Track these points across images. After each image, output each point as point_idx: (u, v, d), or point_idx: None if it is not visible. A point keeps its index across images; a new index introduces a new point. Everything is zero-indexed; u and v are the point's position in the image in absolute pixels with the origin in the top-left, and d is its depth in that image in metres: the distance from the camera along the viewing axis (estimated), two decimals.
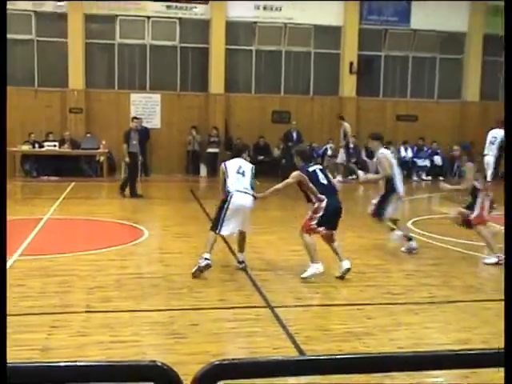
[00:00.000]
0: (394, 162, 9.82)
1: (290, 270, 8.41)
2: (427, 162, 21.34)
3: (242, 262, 8.50)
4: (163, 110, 20.76)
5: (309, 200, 8.25)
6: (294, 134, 20.21)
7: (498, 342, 5.93)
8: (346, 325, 6.19)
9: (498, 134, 14.19)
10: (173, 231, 11.05)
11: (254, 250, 9.63)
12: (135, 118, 16.09)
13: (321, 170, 8.35)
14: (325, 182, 8.19)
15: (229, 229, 8.22)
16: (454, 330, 6.21)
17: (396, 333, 6.05)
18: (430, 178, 21.13)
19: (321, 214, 7.99)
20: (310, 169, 8.27)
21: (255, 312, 6.53)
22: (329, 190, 8.15)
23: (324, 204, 7.99)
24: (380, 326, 6.20)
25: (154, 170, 20.14)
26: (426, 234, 11.13)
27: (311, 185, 8.08)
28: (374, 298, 7.18)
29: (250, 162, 9.09)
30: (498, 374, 4.16)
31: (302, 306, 6.88)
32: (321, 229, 8.12)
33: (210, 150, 20.46)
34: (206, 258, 7.88)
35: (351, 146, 19.93)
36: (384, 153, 9.60)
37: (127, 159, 15.20)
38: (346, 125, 19.46)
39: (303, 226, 8.13)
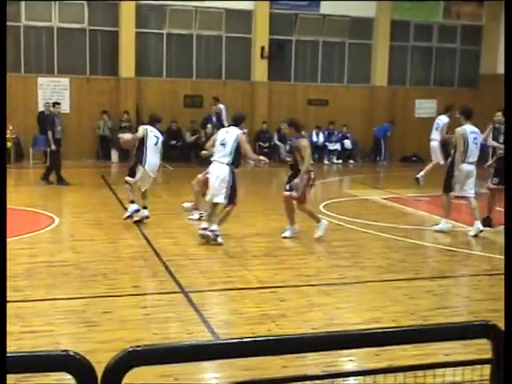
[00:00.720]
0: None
1: (204, 255, 8.42)
2: (338, 146, 21.77)
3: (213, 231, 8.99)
4: (72, 94, 20.19)
5: (295, 169, 9.41)
6: (214, 119, 20.16)
7: (407, 321, 6.20)
8: (261, 308, 6.26)
9: (441, 119, 14.42)
10: (84, 218, 10.82)
11: (168, 235, 9.57)
12: (56, 103, 15.63)
13: None
14: None
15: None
16: (364, 310, 6.40)
17: (309, 314, 6.18)
18: (340, 161, 21.58)
19: (310, 183, 9.52)
20: None
21: (169, 298, 6.51)
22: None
23: (312, 174, 9.53)
24: (294, 307, 6.31)
25: (64, 155, 19.60)
26: (337, 216, 11.37)
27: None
28: (288, 281, 7.29)
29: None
30: (407, 352, 4.33)
31: (216, 290, 6.91)
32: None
33: (122, 135, 20.07)
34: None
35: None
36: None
37: (53, 146, 14.78)
38: (222, 106, 19.37)
39: (300, 198, 9.40)
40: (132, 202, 10.24)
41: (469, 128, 10.06)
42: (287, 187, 9.55)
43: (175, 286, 6.95)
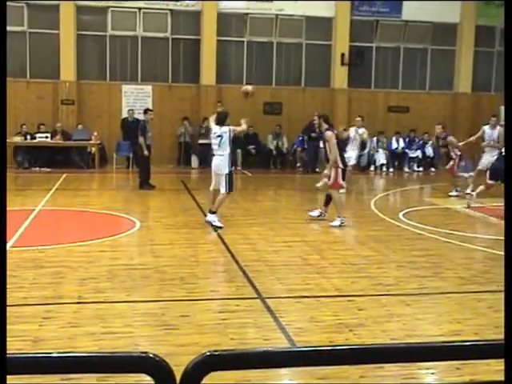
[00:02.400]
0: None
1: (282, 262, 8.42)
2: (419, 153, 21.36)
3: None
4: (155, 101, 20.68)
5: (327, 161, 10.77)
6: (315, 125, 20.33)
7: (490, 334, 6.00)
8: (338, 316, 6.20)
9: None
10: (164, 222, 11.04)
11: (246, 241, 9.63)
12: (148, 109, 15.97)
13: None
14: None
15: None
16: (445, 322, 6.22)
17: (388, 324, 6.06)
18: (421, 169, 21.17)
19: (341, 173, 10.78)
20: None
21: (247, 303, 6.53)
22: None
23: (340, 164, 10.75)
24: (372, 317, 6.21)
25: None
26: (417, 225, 11.15)
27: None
28: (366, 290, 7.19)
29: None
30: (490, 366, 4.18)
31: (294, 297, 6.88)
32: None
33: (202, 141, 20.41)
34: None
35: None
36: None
37: (146, 152, 15.16)
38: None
39: (334, 185, 10.81)
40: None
41: None
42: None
43: (253, 291, 6.97)
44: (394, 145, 21.25)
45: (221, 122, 10.65)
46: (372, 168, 20.88)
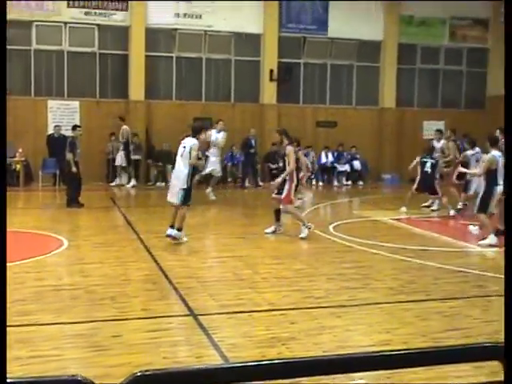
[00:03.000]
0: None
1: (214, 277, 8.39)
2: (347, 167, 21.77)
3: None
4: (82, 117, 20.34)
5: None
6: (253, 141, 20.47)
7: (418, 343, 6.13)
8: (271, 330, 6.21)
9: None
10: (93, 241, 10.83)
11: (178, 257, 9.56)
12: (77, 126, 15.74)
13: None
14: None
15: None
16: (375, 332, 6.33)
17: (320, 336, 6.12)
18: (349, 182, 21.57)
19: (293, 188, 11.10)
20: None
21: (179, 321, 6.48)
22: None
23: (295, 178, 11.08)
24: (304, 330, 6.26)
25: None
26: (347, 237, 11.33)
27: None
28: (298, 303, 7.25)
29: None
30: (417, 374, 4.28)
31: (226, 313, 6.86)
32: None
33: (132, 157, 20.19)
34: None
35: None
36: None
37: (74, 169, 14.84)
38: (125, 127, 19.46)
39: (285, 199, 10.93)
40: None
41: (496, 153, 10.73)
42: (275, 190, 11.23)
43: (185, 308, 6.92)
44: (323, 159, 21.61)
45: (194, 132, 10.60)
46: None
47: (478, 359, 2.36)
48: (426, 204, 15.40)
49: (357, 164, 21.81)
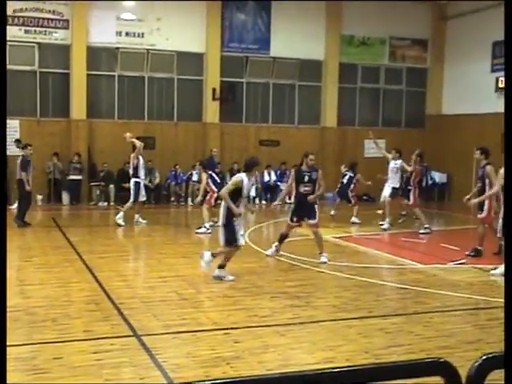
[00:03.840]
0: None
1: (157, 297, 8.32)
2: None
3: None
4: (22, 136, 19.90)
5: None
6: (216, 160, 20.34)
7: (360, 359, 6.21)
8: (215, 350, 6.20)
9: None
10: (35, 262, 10.60)
11: (121, 278, 9.45)
12: (28, 144, 15.40)
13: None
14: None
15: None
16: (319, 349, 6.39)
17: (264, 355, 6.14)
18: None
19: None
20: None
21: (122, 342, 6.39)
22: None
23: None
24: (248, 349, 6.27)
25: (14, 198, 19.25)
26: (291, 255, 11.41)
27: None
28: (242, 322, 7.25)
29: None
30: None
31: (170, 333, 6.81)
32: None
33: (73, 177, 19.89)
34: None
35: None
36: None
37: (28, 187, 14.52)
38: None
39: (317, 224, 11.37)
40: None
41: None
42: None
43: (128, 329, 6.84)
44: (266, 178, 21.74)
45: (246, 167, 9.78)
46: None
47: (420, 375, 2.42)
48: (356, 220, 16.11)
49: None
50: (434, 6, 23.53)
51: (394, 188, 15.52)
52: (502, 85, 20.72)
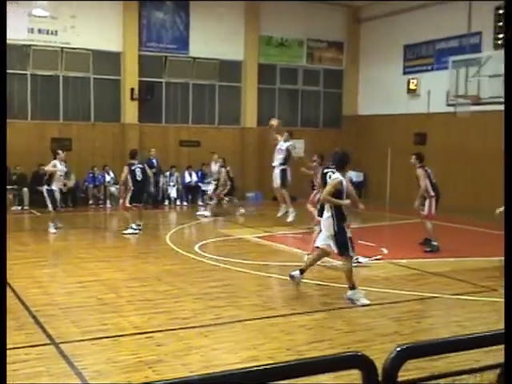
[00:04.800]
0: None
1: (76, 303, 8.10)
2: (212, 186, 21.88)
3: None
4: None
5: None
6: (155, 161, 19.92)
7: (283, 356, 6.23)
8: (137, 354, 6.09)
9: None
10: None
11: (36, 284, 9.15)
12: None
13: None
14: None
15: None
16: (242, 349, 6.39)
17: (187, 357, 6.08)
18: (214, 201, 21.66)
19: None
20: None
21: (38, 351, 6.18)
22: None
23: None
24: (171, 352, 6.19)
25: None
26: (212, 256, 11.38)
27: None
28: (164, 325, 7.16)
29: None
30: None
31: (90, 339, 6.64)
32: None
33: None
34: None
35: None
36: None
37: None
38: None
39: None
40: None
41: None
42: None
43: (45, 337, 6.62)
44: (187, 178, 21.59)
45: (339, 163, 8.96)
46: (166, 202, 20.98)
47: (339, 369, 2.45)
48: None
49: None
50: (348, 9, 24.02)
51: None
52: (413, 86, 21.39)
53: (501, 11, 17.70)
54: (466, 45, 16.36)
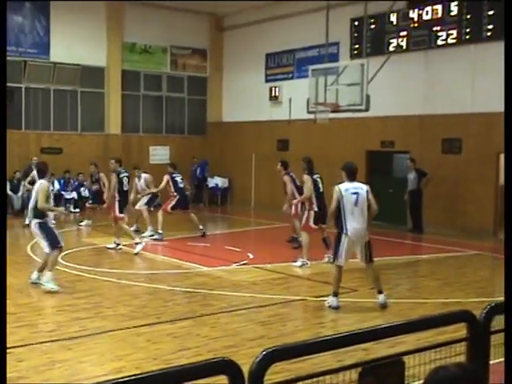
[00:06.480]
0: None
1: None
2: (74, 194, 21.36)
3: None
4: None
5: None
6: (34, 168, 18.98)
7: (150, 366, 6.27)
8: None
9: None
10: None
11: None
12: None
13: None
14: None
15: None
16: (108, 360, 6.35)
17: (50, 372, 5.96)
18: (78, 210, 21.16)
19: None
20: None
21: None
22: None
23: None
24: (33, 367, 6.05)
25: None
26: (77, 266, 11.15)
27: None
28: (26, 339, 6.96)
29: None
30: None
31: None
32: None
33: None
34: None
35: None
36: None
37: None
38: None
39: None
40: None
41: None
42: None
43: None
44: (50, 187, 20.91)
45: (350, 173, 8.83)
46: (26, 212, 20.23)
47: (206, 375, 2.57)
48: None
49: (84, 190, 21.48)
50: (211, 17, 24.32)
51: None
52: (276, 93, 22.03)
53: (356, 23, 18.67)
54: (325, 54, 17.05)
